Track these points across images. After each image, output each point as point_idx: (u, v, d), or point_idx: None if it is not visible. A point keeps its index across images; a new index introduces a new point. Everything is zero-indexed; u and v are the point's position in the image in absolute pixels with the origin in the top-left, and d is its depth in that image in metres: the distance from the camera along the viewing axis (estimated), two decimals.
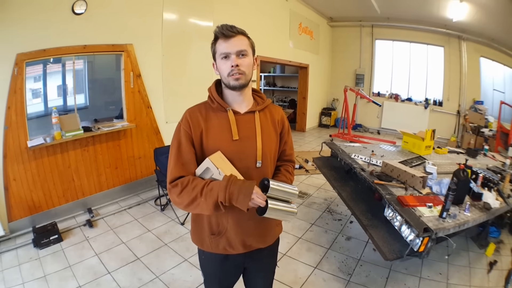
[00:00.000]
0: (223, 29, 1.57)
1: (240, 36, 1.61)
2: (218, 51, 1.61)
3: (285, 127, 1.88)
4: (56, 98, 4.91)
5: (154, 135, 5.70)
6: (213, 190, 1.48)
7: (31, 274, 3.37)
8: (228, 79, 1.60)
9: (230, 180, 1.48)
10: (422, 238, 2.41)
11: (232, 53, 1.57)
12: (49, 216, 4.39)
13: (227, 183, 1.47)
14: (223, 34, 1.57)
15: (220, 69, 1.64)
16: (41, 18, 3.96)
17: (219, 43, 1.61)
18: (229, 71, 1.58)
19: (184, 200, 1.55)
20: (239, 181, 1.49)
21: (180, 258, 3.78)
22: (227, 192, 1.46)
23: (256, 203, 1.47)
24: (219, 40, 1.60)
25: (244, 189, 1.46)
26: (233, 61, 1.57)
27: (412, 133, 4.72)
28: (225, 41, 1.58)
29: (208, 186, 1.50)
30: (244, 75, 1.60)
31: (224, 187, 1.47)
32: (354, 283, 3.41)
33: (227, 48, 1.57)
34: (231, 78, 1.59)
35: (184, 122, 1.64)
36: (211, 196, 1.48)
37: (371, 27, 11.85)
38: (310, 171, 7.05)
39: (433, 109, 11.03)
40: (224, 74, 1.61)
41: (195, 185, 1.53)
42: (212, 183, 1.51)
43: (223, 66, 1.60)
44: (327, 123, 12.86)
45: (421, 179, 3.16)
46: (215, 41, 1.64)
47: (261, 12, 8.15)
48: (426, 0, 8.79)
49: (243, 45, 1.61)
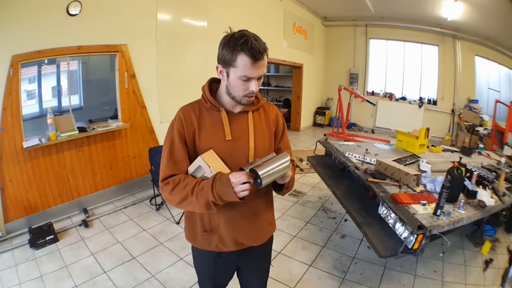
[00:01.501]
0: (254, 50, 1.41)
1: (265, 57, 1.49)
2: (240, 70, 1.46)
3: (280, 125, 1.87)
4: (50, 99, 4.91)
5: (148, 135, 5.70)
6: (204, 190, 1.47)
7: (27, 274, 3.37)
8: (241, 99, 1.57)
9: (216, 178, 1.46)
10: (416, 235, 2.44)
11: (255, 78, 1.50)
12: (45, 217, 4.38)
13: (213, 181, 1.45)
14: (254, 57, 1.43)
15: (234, 86, 1.53)
16: (36, 19, 3.95)
17: (243, 61, 1.43)
18: (246, 93, 1.54)
19: (176, 198, 1.55)
20: (223, 175, 1.45)
21: (175, 257, 3.79)
22: (214, 191, 1.43)
23: (240, 189, 1.39)
24: (245, 58, 1.43)
25: (225, 181, 1.42)
26: (254, 87, 1.51)
27: (406, 132, 4.74)
28: (253, 65, 1.44)
29: (199, 185, 1.50)
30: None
31: (210, 186, 1.44)
32: (349, 280, 3.43)
33: (253, 74, 1.47)
34: (245, 98, 1.56)
35: (177, 121, 1.63)
36: (202, 195, 1.47)
37: (365, 27, 11.88)
38: (304, 170, 7.08)
39: (428, 108, 11.08)
40: (238, 92, 1.55)
41: (186, 184, 1.53)
42: (203, 182, 1.50)
43: (240, 87, 1.52)
44: (321, 122, 12.90)
45: (415, 177, 3.18)
46: (234, 52, 1.44)
47: (255, 12, 8.18)
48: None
49: (264, 68, 1.52)
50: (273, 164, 1.44)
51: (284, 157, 1.50)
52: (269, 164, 1.43)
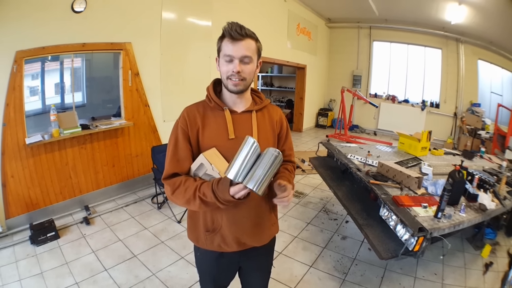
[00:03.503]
0: (231, 29, 1.49)
1: (248, 39, 1.55)
2: (223, 50, 1.55)
3: (284, 127, 1.87)
4: (54, 96, 4.91)
5: (151, 133, 5.71)
6: (207, 197, 1.47)
7: (28, 271, 3.38)
8: (227, 82, 1.59)
9: (215, 190, 1.45)
10: (417, 238, 2.43)
11: (236, 57, 1.52)
12: (46, 213, 4.39)
13: (214, 195, 1.45)
14: (230, 36, 1.50)
15: (221, 69, 1.60)
16: (40, 15, 3.96)
17: (225, 43, 1.54)
18: (229, 74, 1.55)
19: (179, 201, 1.59)
20: (219, 185, 1.45)
21: (176, 256, 3.79)
22: (220, 201, 1.45)
23: (241, 194, 1.39)
24: (226, 39, 1.53)
25: (223, 188, 1.42)
26: (236, 67, 1.53)
27: (408, 134, 4.74)
28: (232, 43, 1.51)
29: (199, 190, 1.50)
30: (244, 81, 1.58)
31: (214, 199, 1.45)
32: (350, 282, 3.43)
33: (232, 52, 1.52)
34: (230, 81, 1.57)
35: (181, 120, 1.64)
36: (206, 204, 1.50)
37: (369, 29, 11.89)
38: (306, 171, 7.08)
39: (430, 111, 11.08)
40: (224, 75, 1.59)
41: (187, 187, 1.54)
42: (203, 187, 1.49)
43: (225, 68, 1.56)
44: (324, 123, 12.90)
45: (416, 180, 3.18)
46: (221, 38, 1.56)
47: (259, 12, 8.18)
48: (424, 3, 8.80)
49: (249, 51, 1.55)
50: (260, 169, 1.33)
51: (270, 154, 1.34)
52: (258, 170, 1.33)
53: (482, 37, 9.26)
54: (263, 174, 1.32)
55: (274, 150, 1.35)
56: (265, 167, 1.33)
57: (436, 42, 10.54)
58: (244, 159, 1.33)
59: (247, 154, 1.33)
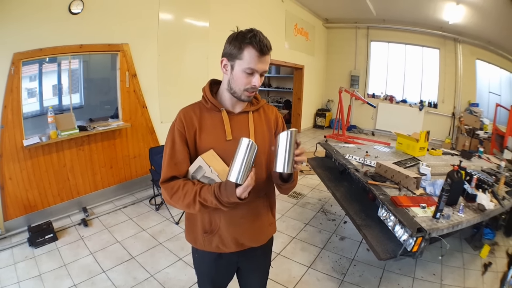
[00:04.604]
0: (262, 43, 1.46)
1: (269, 54, 1.54)
2: (246, 62, 1.49)
3: (280, 126, 1.86)
4: (51, 98, 4.91)
5: (149, 134, 5.70)
6: (208, 201, 1.48)
7: (26, 273, 3.37)
8: (242, 93, 1.57)
9: (217, 195, 1.45)
10: (416, 238, 2.43)
11: (259, 71, 1.52)
12: (44, 215, 4.38)
13: (217, 200, 1.45)
14: (261, 50, 1.47)
15: (237, 78, 1.55)
16: (38, 17, 3.95)
17: (250, 54, 1.47)
18: (248, 87, 1.54)
19: (177, 205, 1.58)
20: (222, 190, 1.44)
21: (174, 257, 3.79)
22: (224, 205, 1.45)
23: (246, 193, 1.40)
24: (252, 51, 1.47)
25: (230, 191, 1.41)
26: (257, 82, 1.53)
27: (406, 135, 4.74)
28: (259, 57, 1.48)
29: (200, 195, 1.49)
30: (256, 91, 1.60)
31: (217, 203, 1.45)
32: (348, 282, 3.43)
33: (258, 67, 1.49)
34: (246, 93, 1.56)
35: (178, 122, 1.62)
36: (207, 207, 1.50)
37: (367, 29, 11.90)
38: (304, 172, 7.08)
39: (428, 111, 11.09)
40: (240, 86, 1.55)
41: (186, 191, 1.53)
42: (203, 193, 1.49)
43: (243, 80, 1.53)
44: (322, 124, 12.89)
45: (414, 180, 3.19)
46: (242, 45, 1.48)
47: (257, 13, 8.19)
48: (422, 3, 8.82)
49: (268, 65, 1.55)
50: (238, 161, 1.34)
51: (243, 145, 1.35)
52: (236, 163, 1.35)
53: (480, 37, 9.27)
54: (240, 164, 1.34)
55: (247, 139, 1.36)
56: (242, 158, 1.35)
57: (434, 42, 10.55)
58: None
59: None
